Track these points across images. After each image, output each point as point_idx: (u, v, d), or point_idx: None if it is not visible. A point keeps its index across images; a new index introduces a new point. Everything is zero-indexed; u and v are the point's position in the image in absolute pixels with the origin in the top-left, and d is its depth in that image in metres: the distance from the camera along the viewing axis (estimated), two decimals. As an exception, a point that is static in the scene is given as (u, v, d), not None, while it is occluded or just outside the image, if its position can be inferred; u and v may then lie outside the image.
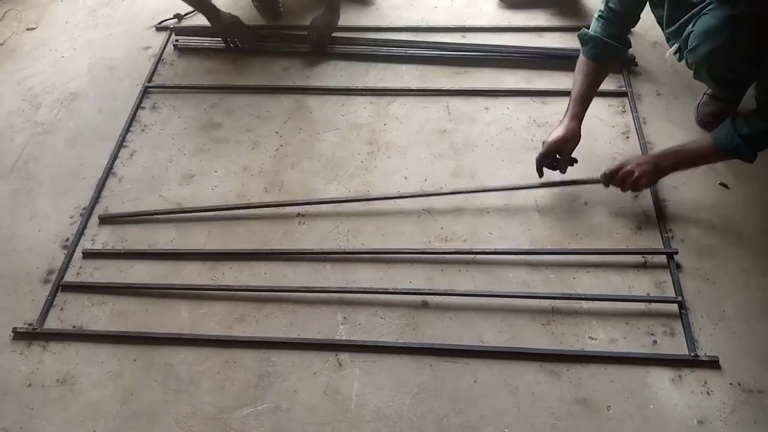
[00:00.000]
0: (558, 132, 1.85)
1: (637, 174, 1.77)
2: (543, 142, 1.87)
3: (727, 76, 1.76)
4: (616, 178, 1.82)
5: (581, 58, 1.89)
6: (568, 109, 1.87)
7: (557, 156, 1.87)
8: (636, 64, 2.32)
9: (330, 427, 1.57)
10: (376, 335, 1.72)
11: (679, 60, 1.86)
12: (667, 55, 1.90)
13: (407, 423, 1.57)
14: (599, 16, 1.86)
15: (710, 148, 1.74)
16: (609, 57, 1.87)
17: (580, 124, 1.86)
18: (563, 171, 1.90)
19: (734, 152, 1.71)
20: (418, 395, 1.61)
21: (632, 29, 1.95)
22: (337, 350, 1.70)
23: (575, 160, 1.89)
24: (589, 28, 1.87)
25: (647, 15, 2.05)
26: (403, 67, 2.43)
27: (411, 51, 2.46)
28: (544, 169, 1.91)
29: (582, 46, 1.88)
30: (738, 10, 1.58)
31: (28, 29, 2.80)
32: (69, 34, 2.75)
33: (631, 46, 1.97)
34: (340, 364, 1.68)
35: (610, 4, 1.82)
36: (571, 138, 1.84)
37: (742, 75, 1.76)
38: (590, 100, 1.88)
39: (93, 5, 2.89)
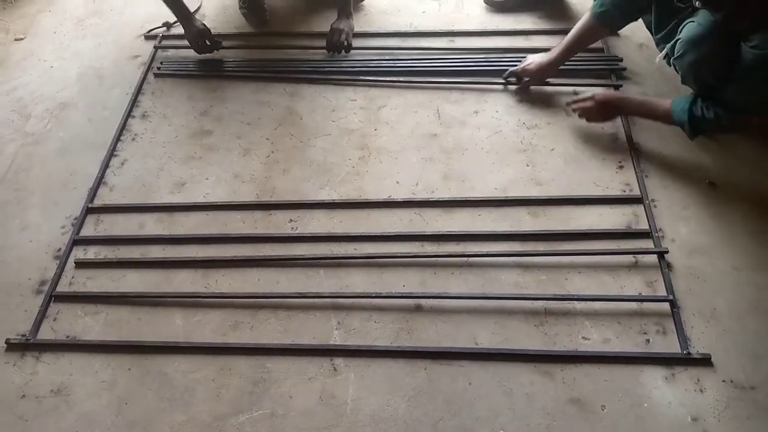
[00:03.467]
0: (535, 65, 2.22)
1: (592, 107, 2.06)
2: (522, 64, 2.26)
3: (712, 83, 1.79)
4: (577, 105, 2.11)
5: (586, 15, 2.10)
6: (554, 48, 2.19)
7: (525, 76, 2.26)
8: (624, 68, 2.34)
9: (326, 432, 1.58)
10: (371, 339, 1.73)
11: (669, 64, 1.89)
12: (657, 60, 1.94)
13: (403, 426, 1.57)
14: None
15: (665, 112, 1.93)
16: (610, 22, 2.09)
17: (557, 68, 2.21)
18: (518, 92, 2.30)
19: (679, 125, 1.90)
20: (414, 398, 1.61)
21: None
22: (332, 355, 1.71)
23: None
24: None
25: (633, 17, 2.09)
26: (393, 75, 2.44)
27: (400, 61, 2.47)
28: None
29: (594, 2, 2.06)
30: (722, 14, 1.61)
31: (16, 39, 2.80)
32: (57, 44, 2.75)
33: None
34: (335, 369, 1.68)
35: None
36: (542, 75, 2.24)
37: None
38: (576, 52, 2.20)
39: (81, 15, 2.89)
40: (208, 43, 2.49)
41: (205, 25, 2.50)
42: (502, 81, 2.32)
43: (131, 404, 1.65)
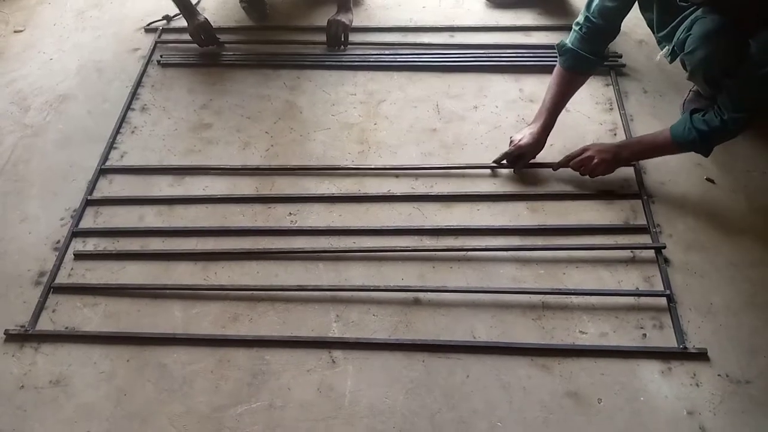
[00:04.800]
0: (528, 138, 1.99)
1: (596, 161, 1.91)
2: (510, 142, 2.03)
3: (721, 78, 1.79)
4: (575, 161, 1.96)
5: (557, 68, 1.96)
6: (539, 115, 2.00)
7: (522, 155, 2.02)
8: (623, 65, 2.35)
9: (324, 423, 1.58)
10: (369, 332, 1.73)
11: (671, 62, 1.89)
12: (658, 57, 1.94)
13: (401, 418, 1.58)
14: (578, 27, 1.89)
15: (668, 142, 1.84)
16: (584, 69, 1.95)
17: (548, 134, 2.00)
18: (517, 171, 2.06)
19: (690, 147, 1.80)
20: (411, 391, 1.62)
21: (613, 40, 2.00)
22: (330, 348, 1.71)
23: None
24: (567, 39, 1.92)
25: (633, 13, 2.08)
26: (393, 70, 2.45)
27: (400, 56, 2.48)
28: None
29: (559, 56, 1.94)
30: (729, 17, 1.62)
31: (15, 32, 2.79)
32: (57, 37, 2.75)
33: (607, 59, 2.13)
34: (334, 362, 1.69)
35: (591, 17, 1.85)
36: (538, 147, 2.00)
37: None
38: (562, 108, 2.01)
39: (81, 7, 2.88)
40: (208, 37, 2.51)
41: (207, 19, 2.52)
42: (492, 166, 2.09)
43: (130, 395, 1.66)
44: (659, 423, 1.53)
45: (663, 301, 1.73)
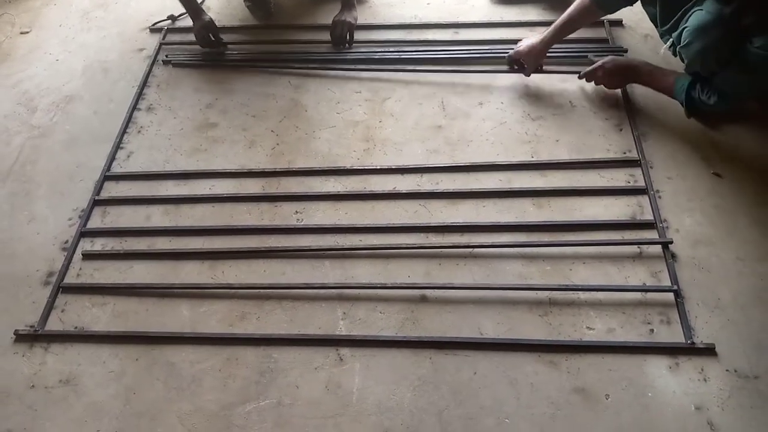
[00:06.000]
0: (525, 45, 2.23)
1: (600, 74, 2.12)
2: (515, 48, 2.27)
3: (718, 70, 1.79)
4: (588, 70, 2.16)
5: None
6: (547, 30, 2.18)
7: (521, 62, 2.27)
8: (626, 50, 2.35)
9: (332, 421, 1.59)
10: (376, 330, 1.74)
11: (675, 55, 1.89)
12: (661, 51, 1.95)
13: (408, 415, 1.58)
14: None
15: (670, 86, 2.04)
16: (606, 4, 2.07)
17: (547, 48, 2.20)
18: (527, 74, 2.28)
19: (679, 102, 2.03)
20: (419, 388, 1.63)
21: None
22: (338, 345, 1.72)
23: (540, 68, 2.28)
24: None
25: (639, 8, 2.09)
26: (398, 67, 2.44)
27: (405, 52, 2.47)
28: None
29: None
30: (732, 7, 1.62)
31: (21, 33, 2.80)
32: (63, 37, 2.76)
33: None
34: (341, 359, 1.69)
35: None
36: (534, 56, 2.21)
37: None
38: (568, 33, 2.17)
39: (86, 8, 2.89)
40: (212, 37, 2.52)
41: (212, 20, 2.53)
42: (507, 67, 2.34)
43: (139, 394, 1.67)
44: (667, 418, 1.53)
45: (670, 296, 1.72)
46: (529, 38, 2.24)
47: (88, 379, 1.71)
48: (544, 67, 2.29)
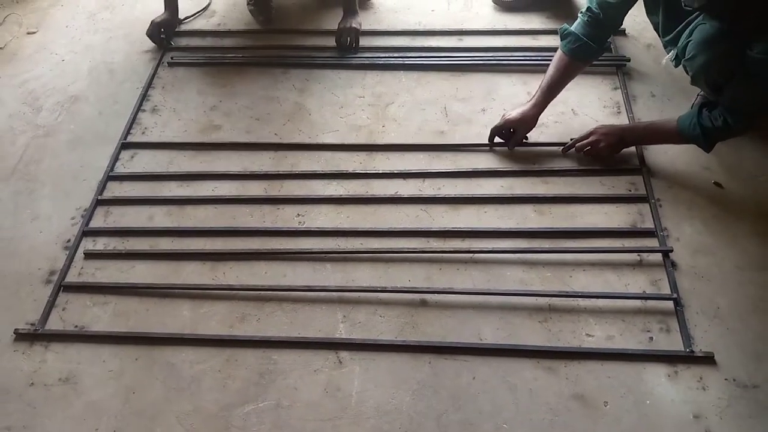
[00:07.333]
0: (517, 113, 2.06)
1: (602, 144, 1.98)
2: (502, 116, 2.09)
3: (723, 83, 1.79)
4: (581, 144, 2.02)
5: (559, 52, 2.02)
6: (534, 94, 2.06)
7: (511, 131, 2.09)
8: (628, 59, 2.37)
9: (330, 423, 1.59)
10: (376, 333, 1.74)
11: (676, 66, 1.90)
12: (663, 61, 1.95)
13: (407, 419, 1.58)
14: (582, 14, 1.96)
15: (673, 132, 1.90)
16: (585, 55, 2.00)
17: (539, 113, 2.06)
18: (510, 147, 2.11)
19: (694, 141, 1.87)
20: (418, 392, 1.63)
21: (620, 32, 2.04)
22: (338, 348, 1.72)
23: (525, 140, 2.11)
24: (571, 25, 1.98)
25: (642, 17, 2.10)
26: (402, 72, 2.46)
27: (409, 58, 2.49)
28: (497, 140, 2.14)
29: (561, 40, 2.00)
30: (725, 25, 1.64)
31: (28, 33, 2.82)
32: (69, 38, 2.77)
33: (609, 49, 2.21)
34: (341, 362, 1.70)
35: (593, 8, 1.92)
36: (527, 122, 2.06)
37: None
38: (557, 92, 2.05)
39: (93, 9, 2.91)
40: (161, 35, 2.61)
41: (176, 21, 2.67)
42: (488, 144, 2.15)
43: (138, 394, 1.67)
44: (665, 426, 1.53)
45: (670, 304, 1.73)
46: (516, 109, 2.07)
47: (88, 378, 1.71)
48: (529, 139, 2.13)
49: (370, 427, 1.58)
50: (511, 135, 2.10)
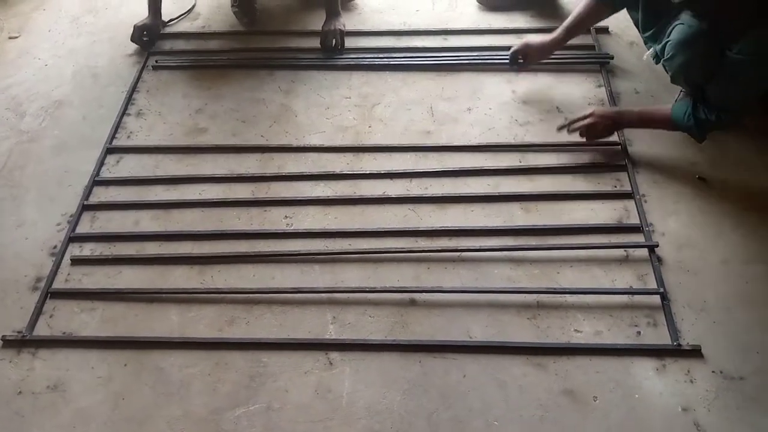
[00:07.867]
0: (538, 40, 2.23)
1: (598, 125, 2.02)
2: (523, 39, 2.27)
3: (703, 82, 1.81)
4: (578, 125, 2.05)
5: None
6: (557, 30, 2.20)
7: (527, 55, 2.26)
8: (611, 57, 2.39)
9: (322, 425, 1.59)
10: (366, 333, 1.74)
11: (656, 63, 1.91)
12: (645, 57, 1.97)
13: (398, 419, 1.59)
14: None
15: (666, 119, 1.95)
16: (611, 2, 2.10)
17: (556, 48, 2.22)
18: (523, 69, 2.33)
19: (686, 130, 1.93)
20: (408, 391, 1.63)
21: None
22: (328, 349, 1.72)
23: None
24: None
25: (625, 15, 2.11)
26: (387, 73, 2.46)
27: (394, 59, 2.50)
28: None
29: None
30: (705, 24, 1.66)
31: (10, 38, 2.80)
32: (52, 42, 2.75)
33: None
34: (331, 363, 1.69)
35: None
36: (543, 50, 2.23)
37: None
38: (578, 32, 2.20)
39: (76, 13, 2.89)
40: (144, 38, 2.61)
41: (160, 24, 2.66)
42: (507, 62, 2.32)
43: (128, 399, 1.66)
44: (654, 419, 1.54)
45: (657, 299, 1.74)
46: (536, 36, 2.26)
47: (77, 384, 1.70)
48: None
49: (361, 427, 1.58)
50: (527, 58, 2.26)
